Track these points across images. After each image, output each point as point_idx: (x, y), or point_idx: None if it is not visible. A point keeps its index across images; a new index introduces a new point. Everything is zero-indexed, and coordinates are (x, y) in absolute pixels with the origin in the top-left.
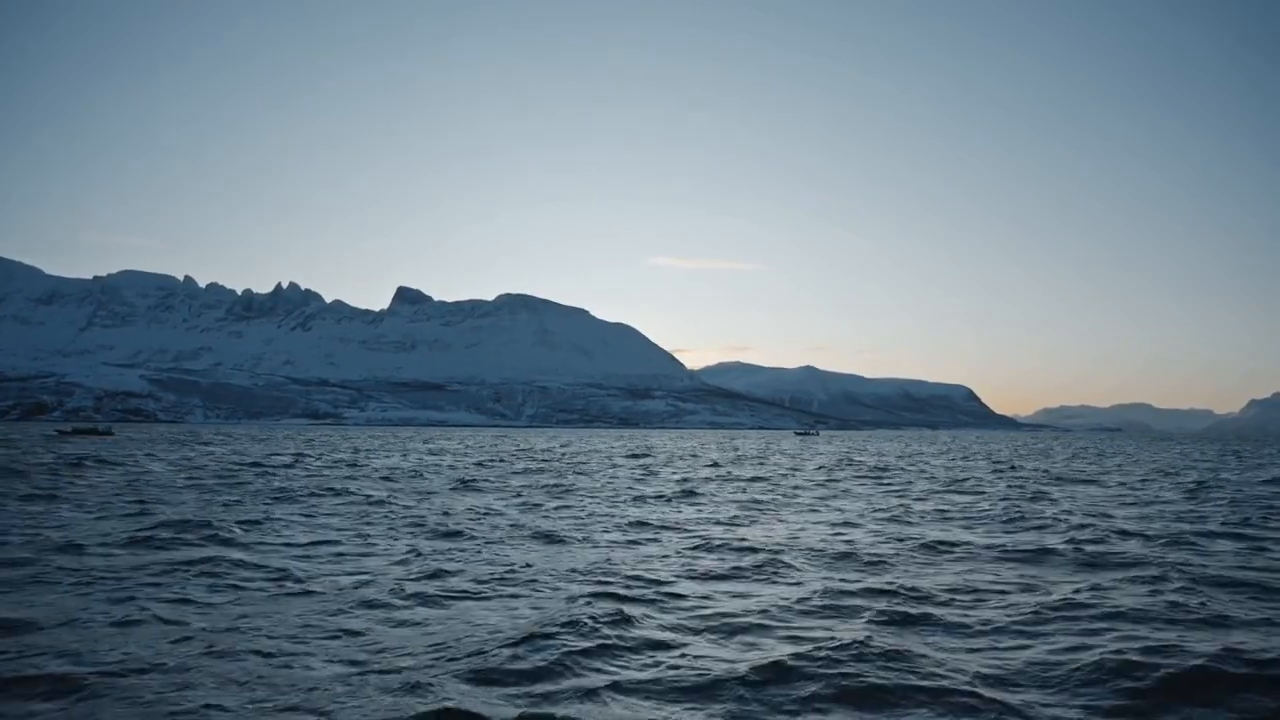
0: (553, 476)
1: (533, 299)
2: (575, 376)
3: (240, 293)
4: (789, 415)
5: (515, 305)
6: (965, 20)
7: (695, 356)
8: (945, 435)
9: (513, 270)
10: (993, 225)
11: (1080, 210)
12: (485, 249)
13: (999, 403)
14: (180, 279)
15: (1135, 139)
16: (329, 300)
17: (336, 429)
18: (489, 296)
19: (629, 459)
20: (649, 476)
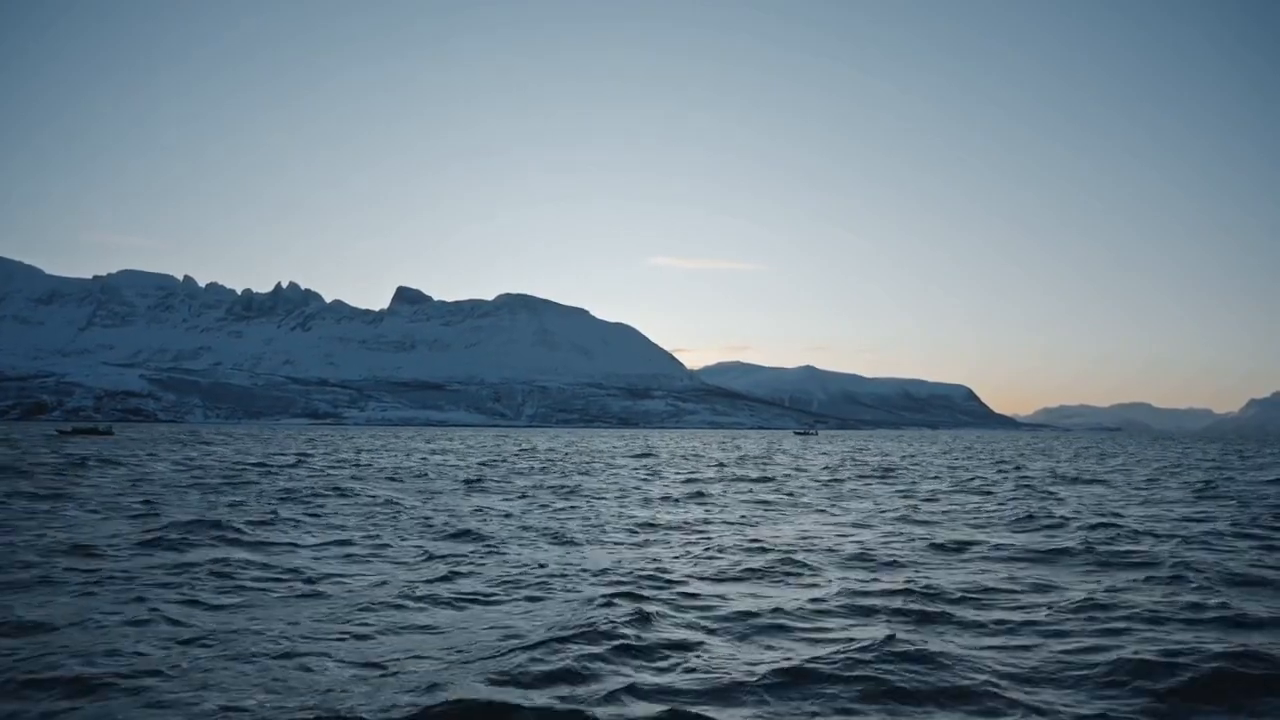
0: (558, 477)
1: (533, 299)
2: (575, 376)
3: (240, 292)
4: (789, 415)
5: (515, 305)
6: (965, 20)
7: (695, 356)
8: (946, 435)
9: (513, 270)
10: (993, 225)
11: (1080, 210)
12: (485, 249)
13: (999, 402)
14: (180, 279)
15: (1135, 139)
16: (329, 300)
17: (337, 429)
18: (489, 296)
19: (632, 459)
20: (654, 477)
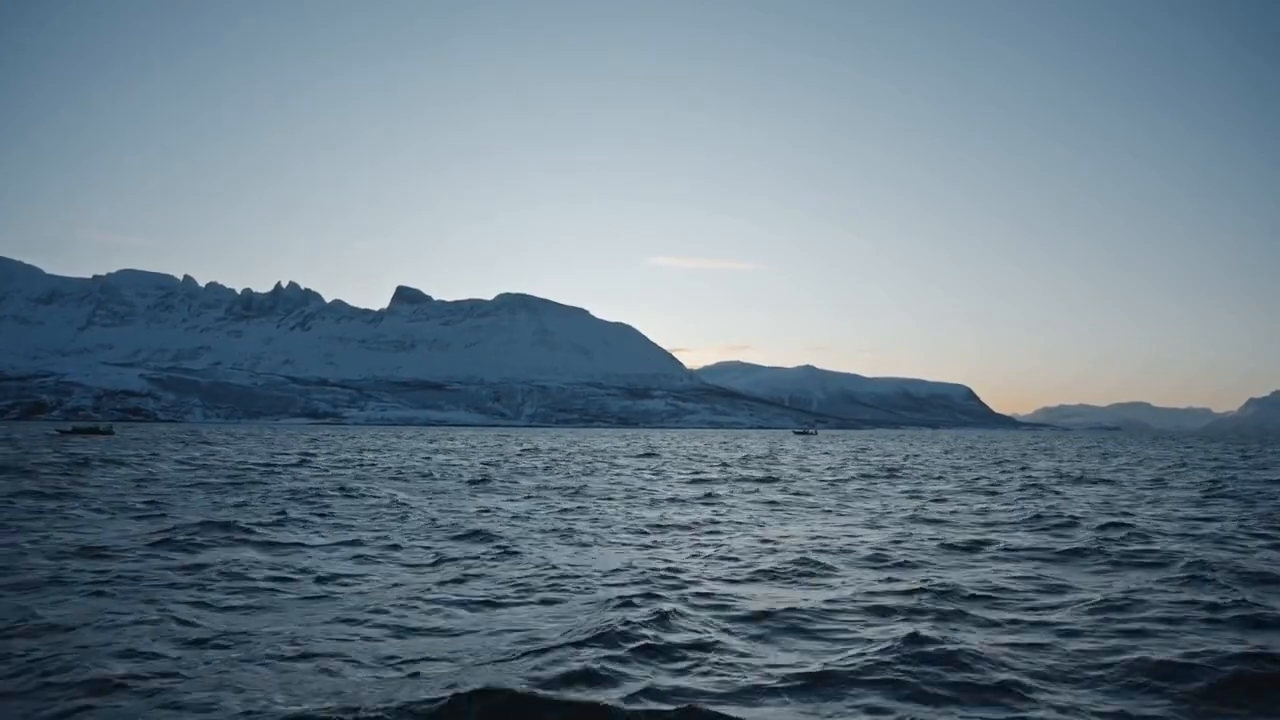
0: (563, 477)
1: (532, 299)
2: (575, 376)
3: (240, 292)
4: (788, 415)
5: (515, 305)
6: (965, 20)
7: (694, 356)
8: (947, 434)
9: (512, 270)
10: (993, 225)
11: (1080, 210)
12: (485, 249)
13: (998, 402)
14: (180, 278)
15: (1135, 139)
16: (328, 300)
17: (337, 428)
18: (488, 296)
19: (636, 459)
20: (659, 477)
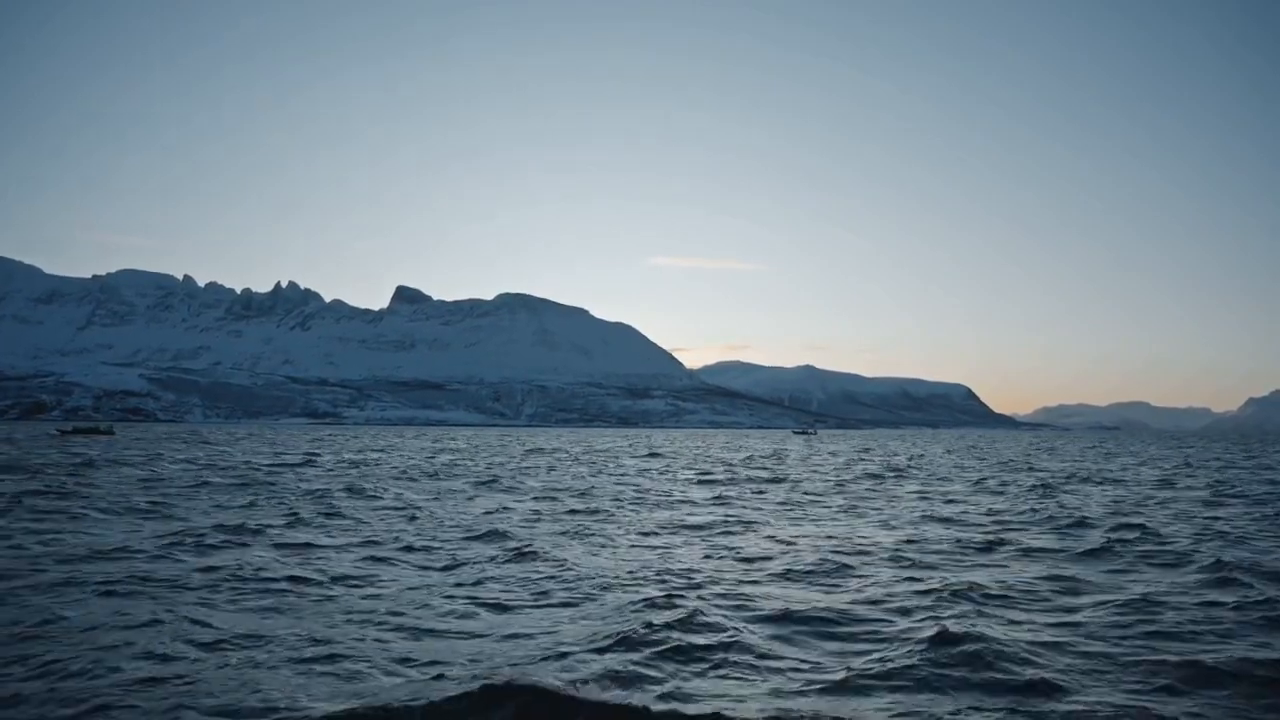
0: (570, 478)
1: (532, 298)
2: (575, 376)
3: (239, 292)
4: (788, 414)
5: (515, 305)
6: (965, 20)
7: (694, 356)
8: (948, 434)
9: (512, 270)
10: (993, 225)
11: (1080, 210)
12: (485, 249)
13: (998, 401)
14: (179, 278)
15: (1135, 139)
16: (328, 300)
17: (337, 428)
18: (488, 296)
19: (641, 459)
20: (667, 478)
